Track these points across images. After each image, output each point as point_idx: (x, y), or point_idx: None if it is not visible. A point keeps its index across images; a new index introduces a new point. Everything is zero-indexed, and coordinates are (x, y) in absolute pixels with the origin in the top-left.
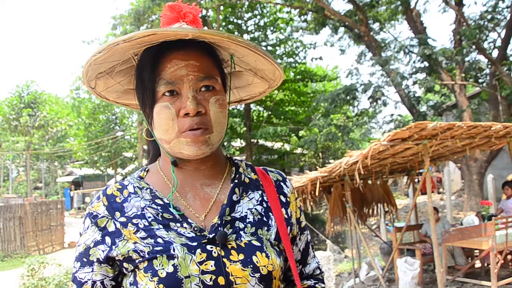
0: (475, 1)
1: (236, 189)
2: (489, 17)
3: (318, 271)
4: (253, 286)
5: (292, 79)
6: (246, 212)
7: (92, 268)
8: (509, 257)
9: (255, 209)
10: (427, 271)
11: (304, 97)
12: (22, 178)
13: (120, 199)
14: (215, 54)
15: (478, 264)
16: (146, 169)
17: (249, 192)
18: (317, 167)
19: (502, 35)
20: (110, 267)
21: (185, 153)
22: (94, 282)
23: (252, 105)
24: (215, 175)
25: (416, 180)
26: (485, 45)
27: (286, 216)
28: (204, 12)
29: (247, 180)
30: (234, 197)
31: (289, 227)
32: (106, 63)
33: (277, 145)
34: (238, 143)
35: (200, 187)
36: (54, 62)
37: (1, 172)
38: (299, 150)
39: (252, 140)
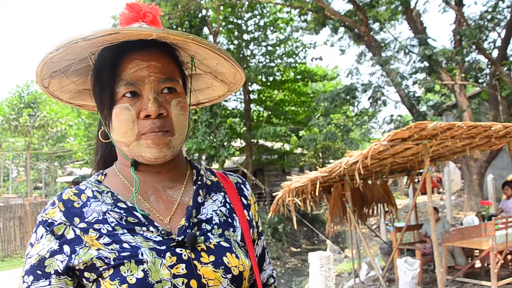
0: (475, 1)
1: (200, 191)
2: (489, 17)
3: (272, 280)
4: (225, 287)
5: (292, 79)
6: (212, 214)
7: (50, 281)
8: (509, 257)
9: (220, 210)
10: (427, 271)
11: (304, 97)
12: (22, 178)
13: (78, 204)
14: (176, 56)
15: (478, 264)
16: (104, 173)
17: (212, 194)
18: (317, 167)
19: (502, 35)
20: (69, 279)
21: (146, 156)
22: None
23: (252, 105)
24: (176, 177)
25: (416, 180)
26: (485, 45)
27: (248, 218)
28: (204, 12)
29: (208, 182)
30: (199, 199)
31: (251, 229)
32: (62, 61)
33: (277, 145)
34: (238, 143)
35: (163, 189)
36: None
37: (1, 172)
38: (299, 150)
39: (252, 140)
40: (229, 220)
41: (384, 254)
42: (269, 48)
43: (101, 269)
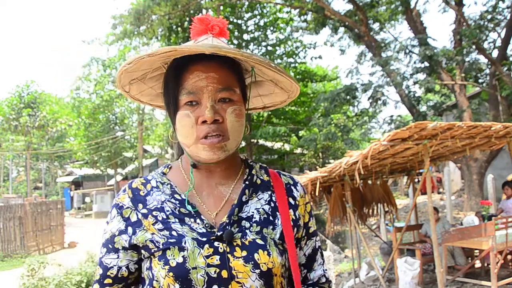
0: (475, 1)
1: (247, 190)
2: (489, 17)
3: (323, 279)
4: (253, 281)
5: None
6: (253, 212)
7: (118, 255)
8: (509, 257)
9: (262, 208)
10: (427, 271)
11: (304, 97)
12: (22, 178)
13: (143, 192)
14: (235, 66)
15: (478, 264)
16: (169, 166)
17: (259, 193)
18: (317, 167)
19: (502, 35)
20: (135, 252)
21: (202, 157)
22: (119, 268)
23: None
24: (229, 175)
25: (416, 180)
26: (485, 45)
27: (294, 218)
28: (204, 12)
29: (258, 181)
30: (244, 198)
31: (295, 229)
32: (138, 71)
33: (277, 145)
34: None
35: (215, 186)
36: (54, 62)
37: (1, 172)
38: (299, 150)
39: (252, 140)
40: (271, 218)
41: (384, 254)
42: (269, 48)
43: (152, 250)
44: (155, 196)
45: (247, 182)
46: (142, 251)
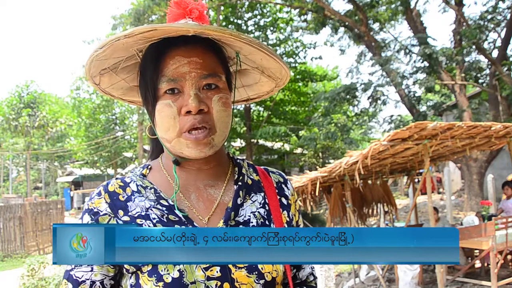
0: (475, 1)
1: (240, 192)
2: (489, 17)
3: (311, 278)
4: None
5: (292, 79)
6: (249, 216)
7: (92, 268)
8: (509, 257)
9: (258, 212)
10: (427, 271)
11: (304, 97)
12: (22, 178)
13: (123, 197)
14: (220, 51)
15: (478, 264)
16: (149, 167)
17: (252, 195)
18: (317, 167)
19: (502, 35)
20: (111, 267)
21: (186, 154)
22: (93, 282)
23: (252, 105)
24: (218, 175)
25: (416, 180)
26: (485, 45)
27: (287, 219)
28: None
29: (249, 182)
30: (238, 201)
31: None
32: (110, 59)
33: (277, 145)
34: (238, 143)
35: (204, 188)
36: (54, 62)
37: (1, 172)
38: (299, 150)
39: (252, 140)
40: (267, 222)
41: None
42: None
43: (140, 264)
44: (137, 202)
45: (240, 183)
46: (126, 265)
